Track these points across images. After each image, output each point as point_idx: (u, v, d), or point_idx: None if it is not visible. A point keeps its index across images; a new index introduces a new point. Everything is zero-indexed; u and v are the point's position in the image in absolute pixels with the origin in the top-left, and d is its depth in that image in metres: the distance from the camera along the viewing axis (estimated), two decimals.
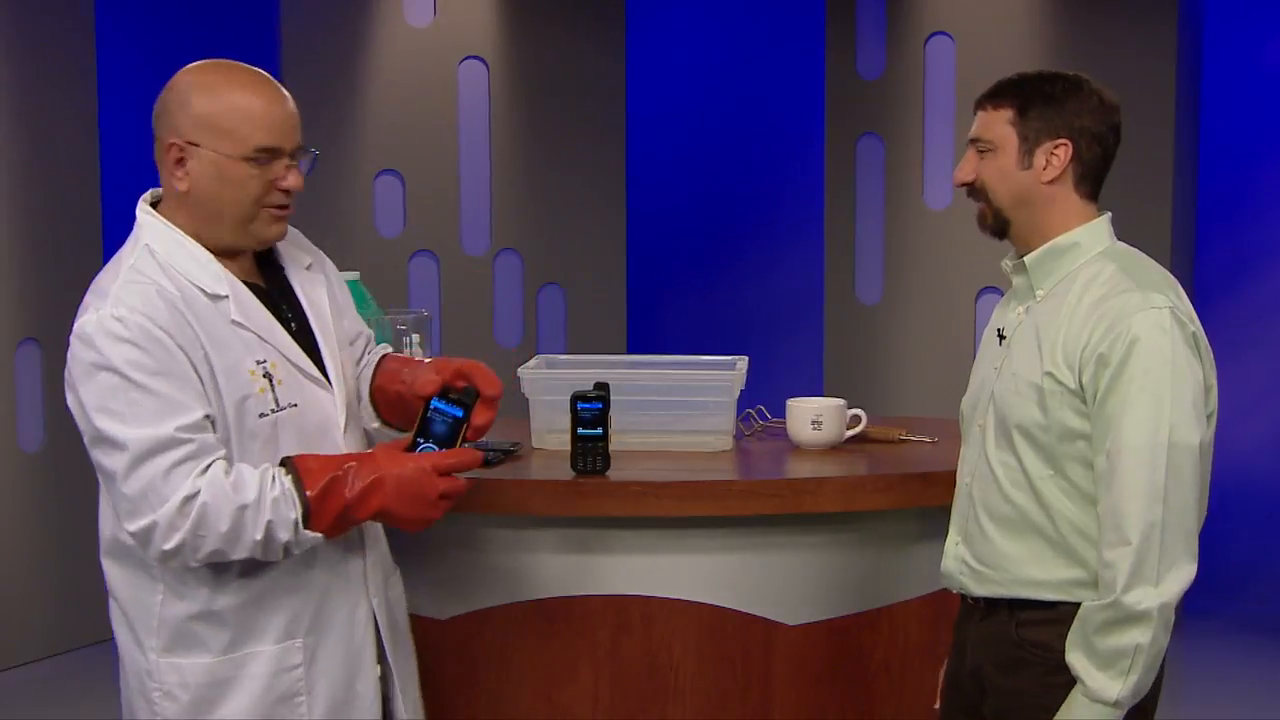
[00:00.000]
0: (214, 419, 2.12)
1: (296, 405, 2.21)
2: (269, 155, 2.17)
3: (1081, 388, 2.11)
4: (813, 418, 2.86)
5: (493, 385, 2.27)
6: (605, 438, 2.61)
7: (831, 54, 5.63)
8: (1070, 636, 2.12)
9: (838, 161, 5.65)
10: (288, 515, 2.10)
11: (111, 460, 2.07)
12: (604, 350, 5.58)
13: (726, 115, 6.52)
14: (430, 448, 2.21)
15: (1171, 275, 2.21)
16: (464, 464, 2.20)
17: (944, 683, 2.42)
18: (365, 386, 2.44)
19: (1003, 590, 2.22)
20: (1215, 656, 4.99)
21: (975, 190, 2.26)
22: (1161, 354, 2.06)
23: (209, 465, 2.07)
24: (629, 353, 5.72)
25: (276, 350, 2.21)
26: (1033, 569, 2.18)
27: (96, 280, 2.19)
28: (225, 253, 2.22)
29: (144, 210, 2.23)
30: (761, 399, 3.13)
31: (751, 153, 6.51)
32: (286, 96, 2.22)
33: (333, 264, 2.45)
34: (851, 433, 2.90)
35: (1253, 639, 5.25)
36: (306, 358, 2.26)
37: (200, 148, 2.15)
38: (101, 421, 2.06)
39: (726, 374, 2.87)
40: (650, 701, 2.66)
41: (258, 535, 2.08)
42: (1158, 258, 2.26)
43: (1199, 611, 5.25)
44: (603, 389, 2.64)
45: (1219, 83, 5.78)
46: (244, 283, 2.22)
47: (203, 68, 2.20)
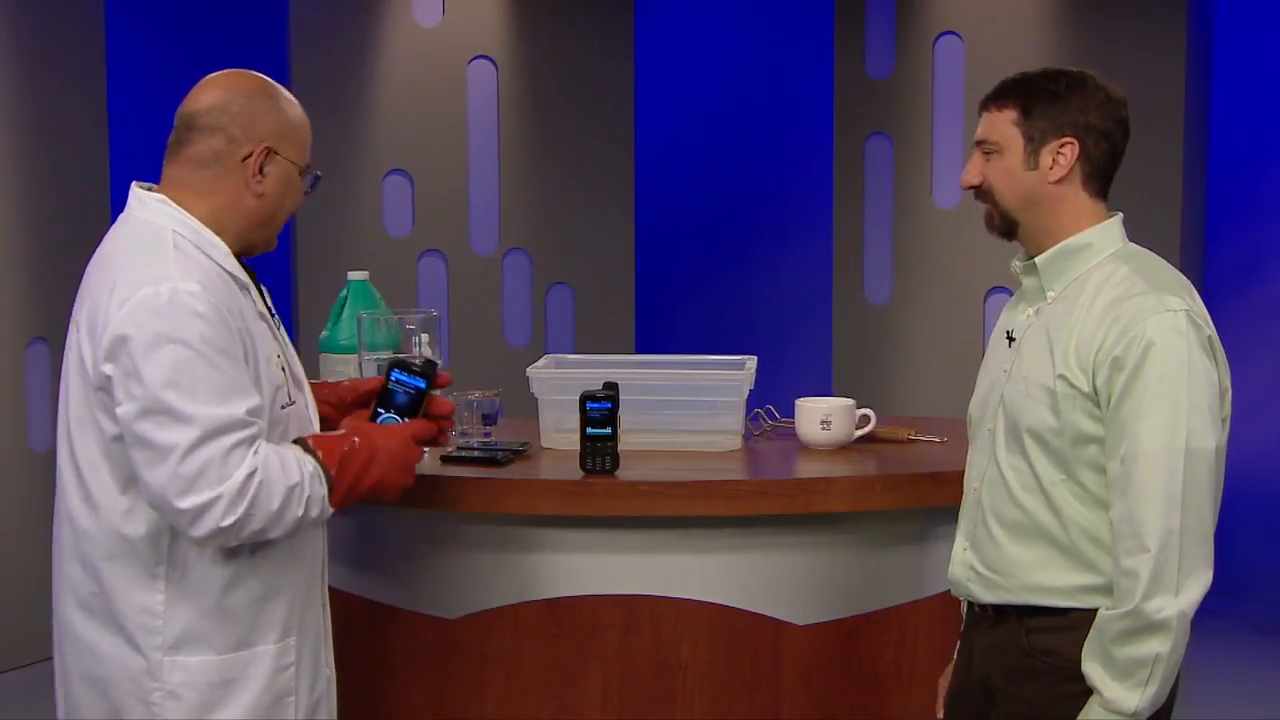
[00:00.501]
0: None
1: (294, 403, 2.27)
2: (309, 169, 2.27)
3: (1095, 391, 2.07)
4: (822, 418, 2.85)
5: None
6: (614, 437, 2.62)
7: (840, 54, 5.62)
8: (1086, 646, 2.08)
9: (846, 161, 5.64)
10: (320, 492, 2.15)
11: (171, 434, 2.03)
12: (612, 350, 5.57)
13: (735, 115, 6.51)
14: (393, 418, 2.28)
15: (1184, 277, 2.17)
16: (434, 435, 2.31)
17: (946, 697, 2.38)
18: None
19: (1012, 597, 2.18)
20: (1222, 657, 4.97)
21: (982, 193, 2.22)
22: (1178, 358, 2.03)
23: (258, 446, 2.10)
24: (637, 352, 5.71)
25: (282, 346, 2.28)
26: (1043, 575, 2.14)
27: (124, 260, 2.12)
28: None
29: (160, 199, 2.18)
30: (770, 399, 3.12)
31: (760, 153, 6.51)
32: None
33: None
34: (860, 433, 2.90)
35: (1260, 639, 5.24)
36: (296, 356, 2.34)
37: (279, 155, 2.20)
38: (169, 395, 2.03)
39: (735, 374, 2.87)
40: (659, 701, 2.66)
41: (299, 512, 2.12)
42: (1167, 257, 2.24)
43: (1206, 611, 5.16)
44: (612, 389, 2.64)
45: (1229, 82, 5.76)
46: None
47: (255, 76, 2.24)
